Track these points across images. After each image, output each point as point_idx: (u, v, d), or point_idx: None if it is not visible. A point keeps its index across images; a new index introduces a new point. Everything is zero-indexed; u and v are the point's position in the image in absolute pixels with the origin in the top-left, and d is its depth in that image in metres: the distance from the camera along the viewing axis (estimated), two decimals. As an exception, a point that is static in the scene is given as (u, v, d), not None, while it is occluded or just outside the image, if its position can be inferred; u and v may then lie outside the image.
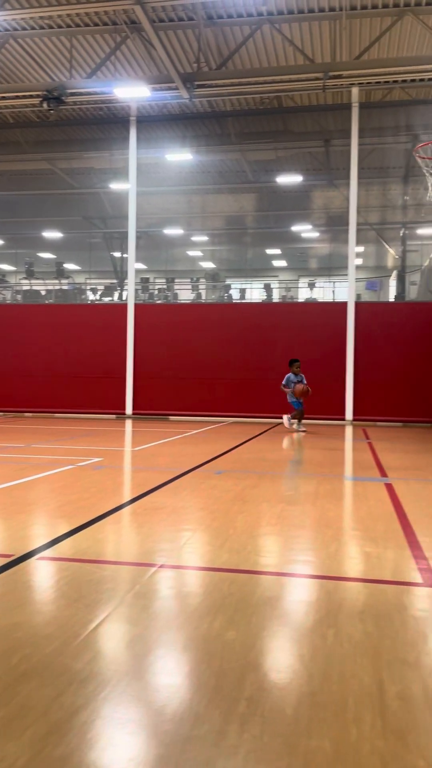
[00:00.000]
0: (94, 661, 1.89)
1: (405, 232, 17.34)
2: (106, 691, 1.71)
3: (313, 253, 21.24)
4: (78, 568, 2.83)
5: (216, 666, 1.87)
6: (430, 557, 3.08)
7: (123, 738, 1.49)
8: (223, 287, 19.98)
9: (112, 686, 1.74)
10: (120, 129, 15.87)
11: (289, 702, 1.66)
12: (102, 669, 1.84)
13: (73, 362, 15.41)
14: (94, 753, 1.43)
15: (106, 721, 1.56)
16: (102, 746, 1.45)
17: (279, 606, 2.42)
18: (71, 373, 15.39)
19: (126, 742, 1.48)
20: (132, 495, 4.86)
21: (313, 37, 14.00)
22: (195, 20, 13.29)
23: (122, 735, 1.50)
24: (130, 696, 1.69)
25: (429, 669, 1.87)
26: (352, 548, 3.32)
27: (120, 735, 1.50)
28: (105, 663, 1.90)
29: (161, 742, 1.47)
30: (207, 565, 2.98)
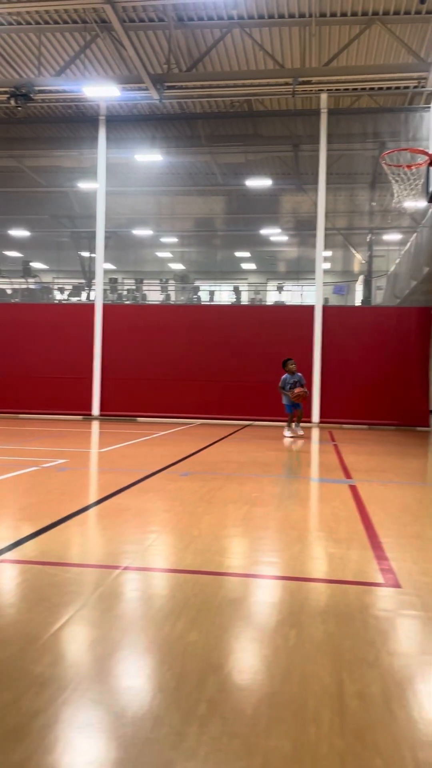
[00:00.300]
0: (54, 665, 1.87)
1: (371, 237, 17.60)
2: (65, 694, 1.69)
3: (281, 257, 21.41)
4: (40, 570, 2.79)
5: (178, 668, 1.86)
6: (391, 558, 3.13)
7: (81, 742, 1.48)
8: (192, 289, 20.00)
9: (72, 690, 1.72)
10: (89, 128, 15.76)
11: (250, 702, 1.67)
12: (62, 672, 1.82)
13: (39, 362, 15.22)
14: (51, 757, 1.41)
15: (65, 725, 1.55)
16: (60, 750, 1.44)
17: (242, 607, 2.42)
18: (37, 373, 15.21)
19: (84, 745, 1.47)
20: (97, 497, 4.83)
21: (283, 43, 14.12)
22: (165, 21, 13.29)
23: (81, 739, 1.49)
24: (89, 699, 1.67)
25: (388, 668, 1.90)
26: (316, 549, 3.35)
27: (79, 739, 1.49)
28: (65, 666, 1.87)
29: (120, 745, 1.46)
30: (171, 566, 2.97)
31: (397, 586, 2.68)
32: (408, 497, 5.05)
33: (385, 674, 1.86)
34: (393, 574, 2.85)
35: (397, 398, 14.14)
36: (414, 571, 2.90)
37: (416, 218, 15.79)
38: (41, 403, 15.03)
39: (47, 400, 15.07)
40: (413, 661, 1.97)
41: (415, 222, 16.03)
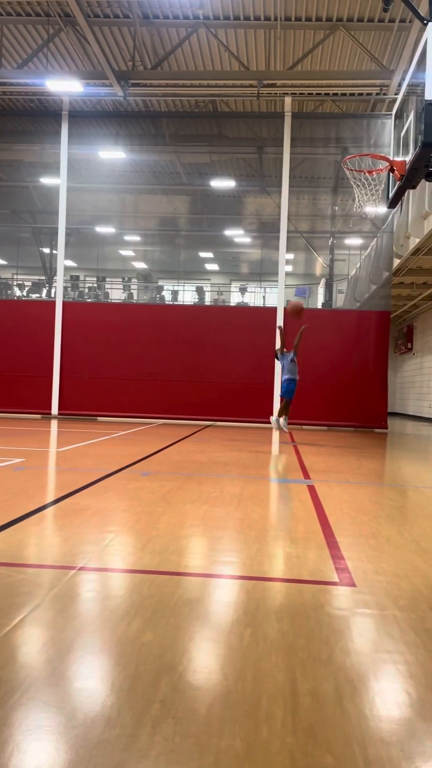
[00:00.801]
0: (4, 667, 1.83)
1: (333, 241, 17.82)
2: (14, 697, 1.65)
3: (244, 258, 21.51)
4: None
5: (131, 669, 1.85)
6: (347, 557, 3.16)
7: (30, 744, 1.45)
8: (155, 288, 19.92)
9: (22, 692, 1.68)
10: (52, 122, 15.55)
11: (203, 702, 1.67)
12: (12, 674, 1.79)
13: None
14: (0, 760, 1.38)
15: (14, 728, 1.51)
16: (8, 754, 1.41)
17: (198, 607, 2.42)
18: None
19: (33, 748, 1.44)
20: (54, 496, 4.76)
21: (248, 45, 14.18)
22: (131, 18, 13.21)
23: (30, 741, 1.46)
24: (40, 702, 1.64)
25: (341, 666, 1.92)
26: (273, 549, 3.36)
27: (27, 742, 1.46)
28: (15, 668, 1.84)
29: (70, 747, 1.44)
30: (128, 566, 2.95)
31: (352, 585, 2.72)
32: (364, 498, 5.12)
33: (338, 672, 1.88)
34: (348, 573, 2.89)
35: (356, 400, 14.35)
36: (369, 570, 2.95)
37: (377, 223, 16.05)
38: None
39: (4, 399, 14.81)
40: (366, 659, 1.99)
41: (376, 227, 16.30)
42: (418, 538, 3.67)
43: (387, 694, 1.77)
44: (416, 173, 7.37)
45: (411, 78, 8.04)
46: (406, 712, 1.67)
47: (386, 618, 2.35)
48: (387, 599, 2.55)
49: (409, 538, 3.68)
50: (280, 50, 14.16)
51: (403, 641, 2.13)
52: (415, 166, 7.19)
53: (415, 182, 7.81)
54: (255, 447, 9.37)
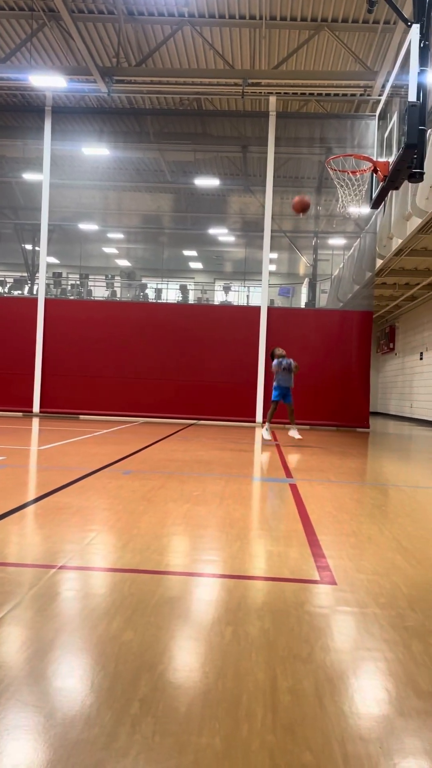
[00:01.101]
0: (-18, 667, 1.81)
1: (317, 241, 17.89)
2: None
3: (228, 257, 21.49)
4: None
5: (111, 668, 1.84)
6: (328, 555, 3.18)
7: (8, 744, 1.44)
8: (138, 286, 19.85)
9: (1, 691, 1.67)
10: (35, 118, 15.42)
11: (183, 701, 1.66)
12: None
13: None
14: (-24, 762, 1.36)
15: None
16: (-15, 755, 1.39)
17: (179, 605, 2.41)
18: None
19: (12, 748, 1.42)
20: (35, 495, 4.72)
21: (233, 44, 14.18)
22: (115, 14, 13.15)
23: (8, 741, 1.45)
24: (18, 701, 1.63)
25: (321, 664, 1.93)
26: (255, 547, 3.37)
27: (5, 741, 1.45)
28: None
29: (49, 747, 1.43)
30: (109, 565, 2.93)
31: (333, 583, 2.73)
32: (345, 496, 5.15)
33: (318, 670, 1.88)
34: (329, 572, 2.90)
35: (338, 400, 14.42)
36: (350, 569, 2.96)
37: (360, 224, 16.14)
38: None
39: (-14, 396, 14.67)
40: (346, 657, 2.00)
41: (359, 228, 16.39)
42: (399, 537, 3.69)
43: (366, 691, 1.78)
44: (399, 174, 7.40)
45: (395, 79, 8.09)
46: (385, 709, 1.68)
47: (366, 616, 2.36)
48: (367, 597, 2.57)
49: (389, 536, 3.70)
50: (265, 49, 14.18)
51: (382, 639, 2.15)
52: (398, 168, 7.23)
53: (398, 183, 7.84)
54: (238, 446, 9.38)
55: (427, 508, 4.94)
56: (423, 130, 6.77)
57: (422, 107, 6.75)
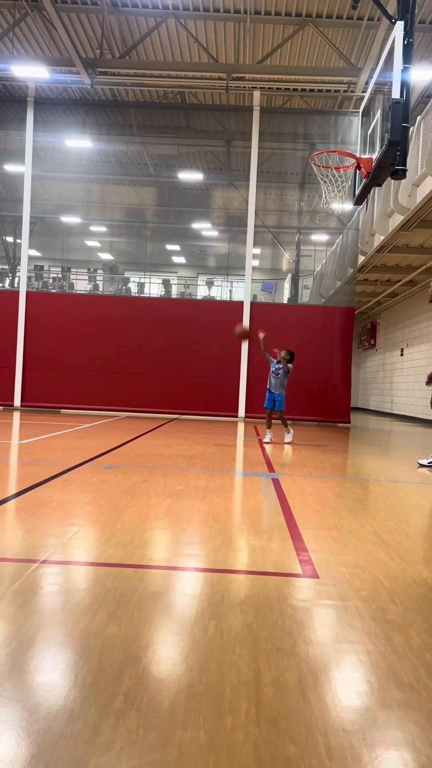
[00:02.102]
0: (-36, 662, 1.79)
1: (300, 237, 17.92)
2: (-25, 692, 1.63)
3: (211, 252, 21.47)
4: None
5: (95, 662, 1.83)
6: (311, 549, 3.20)
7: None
8: (121, 280, 19.75)
9: (-17, 687, 1.66)
10: (17, 109, 15.24)
11: (167, 694, 1.66)
12: (-28, 669, 1.75)
13: (-42, 350, 14.63)
14: (-42, 758, 1.35)
15: (-26, 723, 1.49)
16: (-32, 750, 1.38)
17: (162, 599, 2.41)
18: None
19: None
20: (16, 489, 4.69)
21: (218, 37, 14.13)
22: (99, 5, 13.03)
23: (-10, 737, 1.44)
24: (1, 696, 1.62)
25: (304, 656, 1.94)
26: (238, 541, 3.38)
27: (-12, 737, 1.44)
28: (-24, 663, 1.81)
29: (33, 742, 1.42)
30: (91, 560, 2.92)
31: (315, 577, 2.74)
32: (327, 491, 5.18)
33: (301, 662, 1.89)
34: (312, 565, 2.92)
35: (320, 395, 14.50)
36: (332, 562, 2.98)
37: (343, 220, 16.20)
38: (-41, 392, 14.47)
39: (-34, 390, 14.53)
40: (328, 650, 2.02)
41: (342, 224, 16.46)
42: (380, 531, 3.73)
43: (349, 683, 1.80)
44: (382, 171, 7.44)
45: (378, 76, 8.12)
46: (368, 701, 1.69)
47: (348, 609, 2.38)
48: (349, 590, 2.59)
49: (370, 530, 3.74)
50: (249, 44, 14.15)
51: (364, 631, 2.16)
52: (381, 164, 7.26)
53: (381, 180, 7.88)
54: (220, 440, 9.39)
55: (408, 503, 4.99)
56: (406, 128, 6.81)
57: (405, 104, 6.79)
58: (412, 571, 2.92)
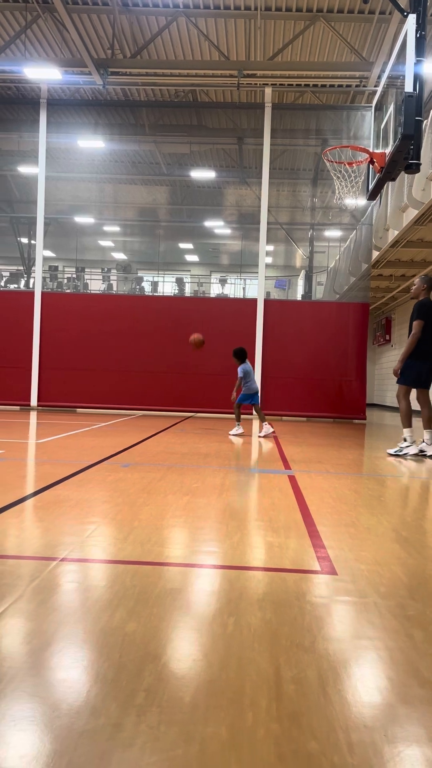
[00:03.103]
0: (-14, 659, 1.81)
1: (313, 233, 17.86)
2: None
3: (224, 250, 21.47)
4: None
5: (115, 658, 1.84)
6: (328, 546, 3.19)
7: (14, 735, 1.44)
8: (134, 279, 19.81)
9: (5, 683, 1.67)
10: (30, 111, 15.33)
11: (187, 691, 1.67)
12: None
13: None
14: (-17, 753, 1.37)
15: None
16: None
17: (181, 597, 2.42)
18: (-28, 362, 14.75)
19: (18, 739, 1.43)
20: (34, 488, 4.72)
21: (229, 35, 14.11)
22: (110, 6, 13.06)
23: (14, 732, 1.45)
24: (23, 692, 1.63)
25: (323, 653, 1.94)
26: (255, 538, 3.38)
27: (11, 732, 1.45)
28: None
29: (55, 738, 1.43)
30: (110, 557, 2.94)
31: (333, 573, 2.74)
32: (344, 487, 5.17)
33: (321, 659, 1.89)
34: (329, 562, 2.91)
35: (335, 391, 14.45)
36: (350, 559, 2.97)
37: (356, 216, 16.12)
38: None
39: (-17, 390, 14.66)
40: (348, 646, 2.01)
41: (355, 219, 16.37)
42: (398, 527, 3.71)
43: (369, 679, 1.79)
44: (396, 165, 7.39)
45: (391, 70, 8.06)
46: (389, 697, 1.69)
47: (367, 605, 2.37)
48: (368, 587, 2.58)
49: (388, 526, 3.72)
50: (260, 40, 14.11)
51: (384, 628, 2.16)
52: (395, 158, 7.22)
53: (395, 174, 7.84)
54: (236, 438, 9.38)
55: (426, 499, 4.96)
56: (419, 121, 6.76)
57: (419, 97, 6.74)
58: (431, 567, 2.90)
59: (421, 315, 7.40)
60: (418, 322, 7.39)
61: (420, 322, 7.39)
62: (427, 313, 7.38)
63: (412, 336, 7.45)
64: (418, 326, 7.39)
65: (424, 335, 7.44)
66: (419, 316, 7.41)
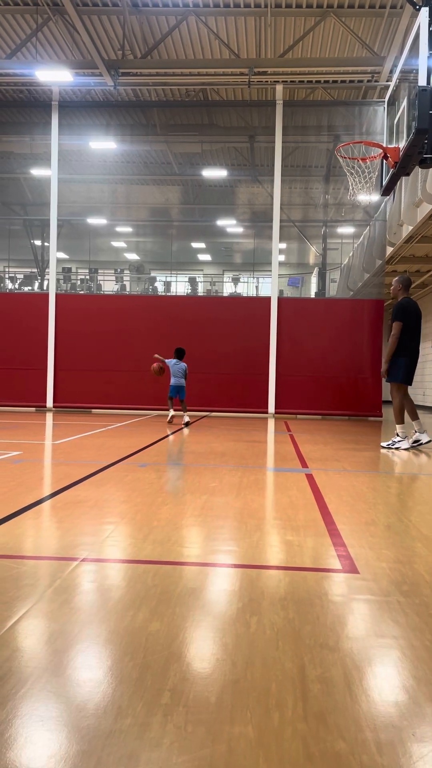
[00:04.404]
0: (12, 659, 1.82)
1: (326, 230, 17.78)
2: (25, 688, 1.65)
3: (237, 248, 21.43)
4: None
5: (139, 658, 1.85)
6: (348, 544, 3.17)
7: (43, 735, 1.45)
8: (147, 279, 19.84)
9: (32, 683, 1.68)
10: (41, 113, 15.41)
11: (213, 690, 1.67)
12: (21, 666, 1.78)
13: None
14: (12, 752, 1.38)
15: (25, 719, 1.51)
16: (20, 745, 1.40)
17: (202, 596, 2.42)
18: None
19: (46, 739, 1.44)
20: (53, 489, 4.75)
21: (239, 33, 14.08)
22: (120, 7, 13.08)
23: (42, 732, 1.46)
24: (50, 692, 1.64)
25: (348, 652, 1.93)
26: (274, 537, 3.37)
27: (40, 732, 1.46)
28: (24, 660, 1.83)
29: (83, 738, 1.44)
30: (130, 557, 2.94)
31: (354, 572, 2.72)
32: (362, 485, 5.14)
33: (345, 658, 1.88)
34: (350, 560, 2.89)
35: (350, 389, 14.38)
36: (370, 557, 2.95)
37: (369, 212, 16.02)
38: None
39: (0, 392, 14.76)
40: (372, 645, 2.00)
41: (369, 215, 16.27)
42: (418, 524, 3.68)
43: (395, 678, 1.78)
44: (410, 160, 7.34)
45: (403, 64, 8.00)
46: (415, 696, 1.67)
47: (390, 604, 2.36)
48: (390, 585, 2.56)
49: (408, 524, 3.69)
50: (270, 38, 14.06)
51: (408, 626, 2.14)
52: (408, 153, 7.16)
53: (409, 169, 7.78)
54: (251, 436, 9.38)
55: (445, 496, 4.91)
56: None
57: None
58: (454, 565, 2.88)
59: (398, 317, 7.87)
60: (397, 323, 7.86)
61: (398, 323, 7.84)
62: (404, 313, 7.83)
63: (392, 337, 7.91)
64: (396, 327, 7.84)
65: (407, 333, 7.85)
66: (396, 317, 7.88)
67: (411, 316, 7.88)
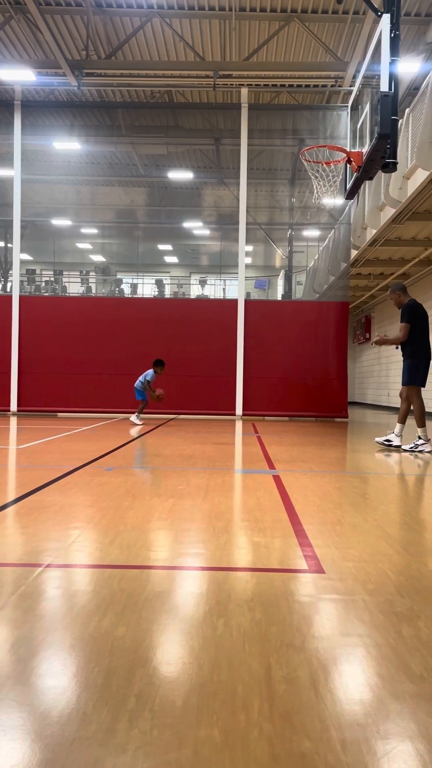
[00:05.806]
0: (-27, 668, 1.78)
1: (292, 233, 17.93)
2: (-14, 698, 1.62)
3: (204, 251, 21.46)
4: (-43, 571, 2.67)
5: (105, 664, 1.83)
6: (315, 544, 3.19)
7: (5, 745, 1.42)
8: (114, 281, 19.72)
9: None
10: (3, 113, 15.17)
11: (179, 694, 1.66)
12: (-18, 676, 1.74)
13: None
14: (-28, 764, 1.34)
15: (-13, 729, 1.48)
16: (-18, 756, 1.37)
17: (169, 599, 2.41)
18: None
19: (8, 748, 1.41)
20: (16, 494, 4.67)
21: (203, 35, 14.11)
22: (83, 6, 12.99)
23: (4, 742, 1.43)
24: (12, 701, 1.61)
25: (314, 652, 1.94)
26: (242, 539, 3.37)
27: (2, 742, 1.43)
28: (-14, 669, 1.80)
29: (46, 746, 1.41)
30: (96, 562, 2.91)
31: (321, 572, 2.74)
32: (328, 485, 5.19)
33: (311, 658, 1.89)
34: (316, 560, 2.91)
35: (316, 390, 14.51)
36: (336, 557, 2.98)
37: (334, 215, 16.21)
38: None
39: (-38, 396, 14.49)
40: (338, 644, 2.02)
41: (333, 218, 16.46)
42: (382, 524, 3.73)
43: (360, 677, 1.79)
44: (373, 164, 7.44)
45: (366, 70, 8.11)
46: (380, 693, 1.69)
47: (356, 603, 2.38)
48: (356, 584, 2.59)
49: (373, 523, 3.74)
50: (235, 41, 14.13)
51: (373, 624, 2.16)
52: (371, 158, 7.26)
53: (372, 173, 7.89)
54: (219, 439, 9.39)
55: (409, 495, 5.00)
56: (395, 120, 6.81)
57: (394, 97, 6.79)
58: (418, 563, 2.92)
59: (405, 318, 8.00)
60: (405, 324, 7.93)
61: (406, 324, 7.93)
62: (411, 314, 7.90)
63: (396, 339, 8.03)
64: (404, 329, 7.93)
65: (417, 334, 7.91)
66: (404, 319, 7.96)
67: (419, 316, 7.97)
